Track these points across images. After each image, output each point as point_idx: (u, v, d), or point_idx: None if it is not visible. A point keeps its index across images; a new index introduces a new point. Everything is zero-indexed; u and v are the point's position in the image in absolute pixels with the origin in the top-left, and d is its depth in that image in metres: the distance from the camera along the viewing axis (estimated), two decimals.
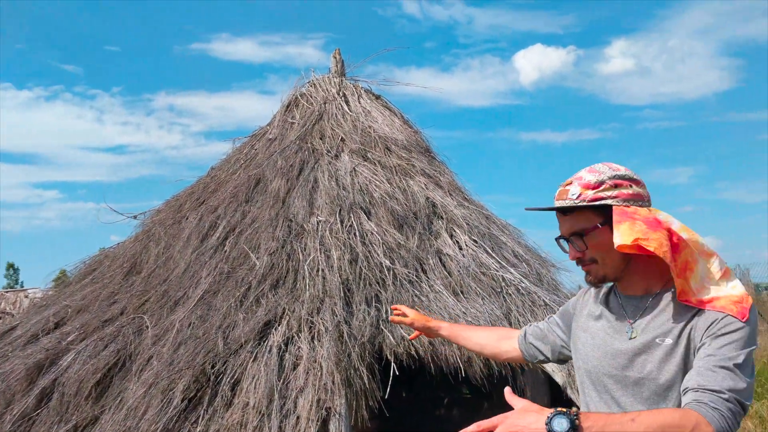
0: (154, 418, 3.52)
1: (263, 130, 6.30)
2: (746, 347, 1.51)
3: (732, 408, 1.42)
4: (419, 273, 4.42)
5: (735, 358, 1.49)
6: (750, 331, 1.53)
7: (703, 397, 1.43)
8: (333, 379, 3.54)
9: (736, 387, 1.45)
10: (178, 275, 4.80)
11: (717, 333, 1.53)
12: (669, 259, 1.57)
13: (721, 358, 1.49)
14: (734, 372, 1.47)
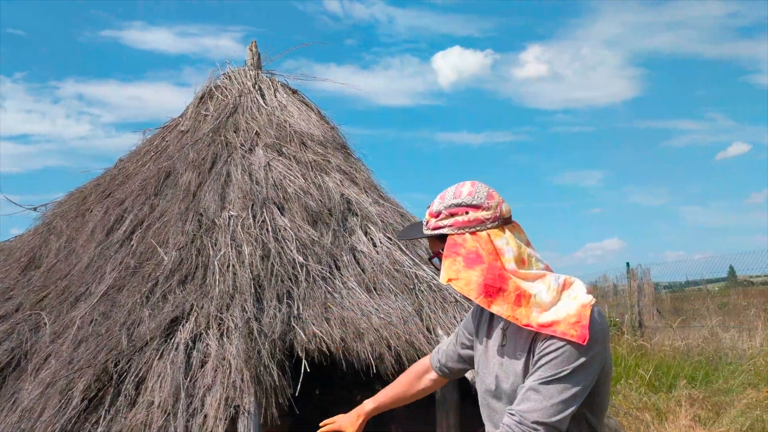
0: (51, 419, 3.36)
1: (175, 122, 6.12)
2: (566, 364, 1.58)
3: (524, 429, 1.57)
4: (333, 269, 4.40)
5: (546, 376, 1.58)
6: (578, 349, 1.58)
7: (507, 421, 1.61)
8: (242, 377, 3.48)
9: (536, 408, 1.57)
10: (80, 270, 4.60)
11: (541, 353, 1.61)
12: (474, 298, 1.65)
13: (534, 377, 1.61)
14: (538, 391, 1.58)
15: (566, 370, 1.57)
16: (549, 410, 1.56)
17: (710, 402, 7.28)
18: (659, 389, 7.96)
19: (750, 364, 8.03)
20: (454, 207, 1.73)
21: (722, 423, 6.73)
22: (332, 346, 3.82)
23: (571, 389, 1.58)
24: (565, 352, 1.58)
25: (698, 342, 9.64)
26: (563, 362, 1.58)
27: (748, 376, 7.69)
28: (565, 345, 1.58)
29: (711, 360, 8.84)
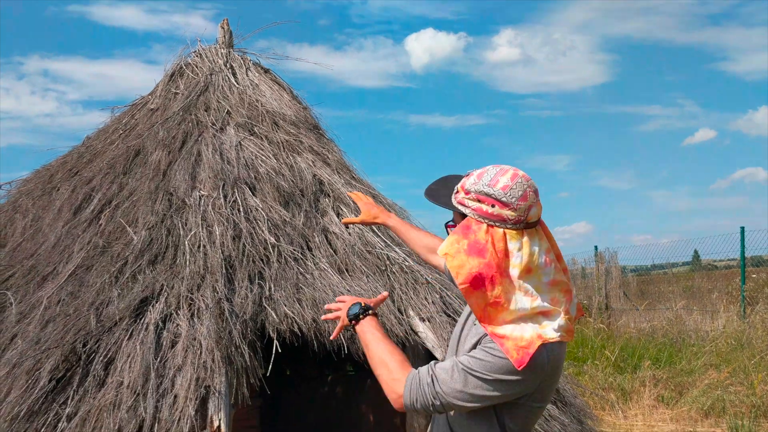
0: (18, 400, 3.31)
1: (144, 100, 6.02)
2: (494, 373, 1.63)
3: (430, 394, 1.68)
4: (304, 250, 4.39)
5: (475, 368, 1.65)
6: (512, 370, 1.61)
7: (424, 371, 1.72)
8: (213, 357, 3.46)
9: (448, 383, 1.67)
10: (47, 249, 4.53)
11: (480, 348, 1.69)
12: (459, 283, 1.65)
13: (468, 359, 1.68)
14: (460, 374, 1.66)
15: (488, 376, 1.64)
16: (454, 392, 1.66)
17: (673, 382, 7.46)
18: (624, 370, 8.13)
19: (712, 345, 8.23)
20: (484, 195, 1.70)
21: (684, 402, 6.90)
22: (304, 327, 3.82)
23: (484, 391, 1.65)
24: (497, 362, 1.63)
25: (663, 324, 9.85)
26: (490, 368, 1.63)
27: (710, 357, 7.88)
28: (501, 358, 1.62)
29: (675, 342, 9.04)
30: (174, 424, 3.23)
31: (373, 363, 1.82)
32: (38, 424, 3.24)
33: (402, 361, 1.80)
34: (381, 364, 1.80)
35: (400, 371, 1.76)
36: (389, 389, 1.76)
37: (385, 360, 1.79)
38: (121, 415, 3.23)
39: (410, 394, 1.71)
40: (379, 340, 1.85)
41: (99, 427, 3.19)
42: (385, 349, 1.82)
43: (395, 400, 1.75)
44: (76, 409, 3.30)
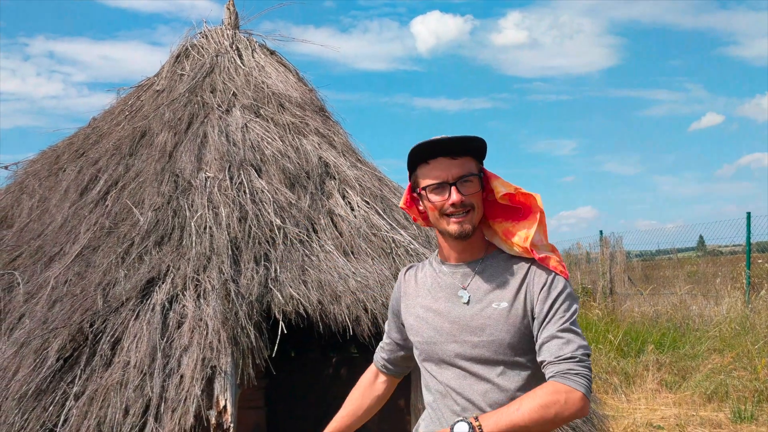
0: (26, 378, 3.35)
1: (150, 81, 6.01)
2: (575, 302, 1.74)
3: (585, 364, 1.65)
4: (310, 233, 4.39)
5: (570, 317, 1.70)
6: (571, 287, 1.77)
7: (563, 368, 1.63)
8: (219, 338, 3.49)
9: (581, 344, 1.67)
10: (54, 230, 4.55)
11: (552, 296, 1.72)
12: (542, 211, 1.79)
13: (560, 321, 1.69)
14: (573, 331, 1.68)
15: (578, 308, 1.74)
16: (584, 341, 1.69)
17: (676, 367, 7.48)
18: (628, 354, 8.15)
19: (716, 330, 8.24)
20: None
21: (687, 387, 6.92)
22: (309, 309, 3.84)
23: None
24: (569, 288, 1.75)
25: (667, 309, 9.86)
26: (573, 300, 1.74)
27: (714, 342, 7.89)
28: (566, 283, 1.76)
29: (679, 326, 9.05)
30: (180, 403, 3.26)
31: (540, 422, 1.58)
32: (46, 403, 3.27)
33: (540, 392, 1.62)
34: (545, 411, 1.58)
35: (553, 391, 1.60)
36: (573, 408, 1.59)
37: (539, 406, 1.58)
38: (128, 394, 3.26)
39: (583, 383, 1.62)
40: (511, 411, 1.60)
41: (106, 406, 3.23)
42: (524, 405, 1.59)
43: (584, 407, 1.61)
44: (84, 388, 3.33)
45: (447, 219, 1.77)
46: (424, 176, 1.79)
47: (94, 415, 3.20)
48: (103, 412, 3.20)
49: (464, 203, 1.75)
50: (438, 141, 1.73)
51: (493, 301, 1.76)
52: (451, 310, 1.80)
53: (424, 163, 1.79)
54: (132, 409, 3.21)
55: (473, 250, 1.84)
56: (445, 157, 1.76)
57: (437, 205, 1.77)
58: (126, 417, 3.19)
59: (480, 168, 1.81)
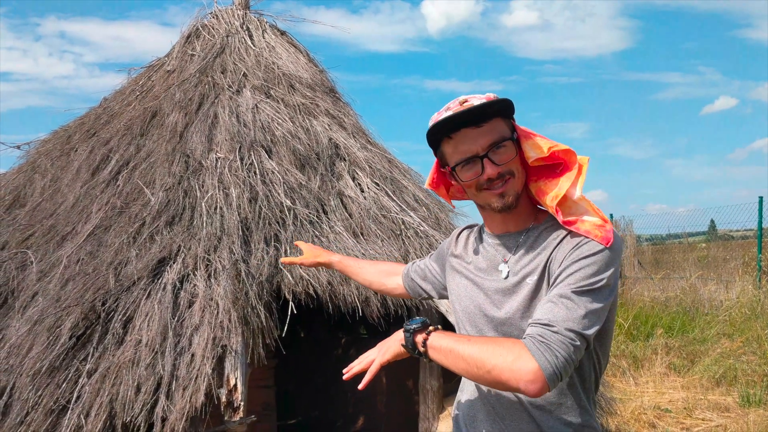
0: (40, 355, 3.38)
1: (161, 62, 6.01)
2: (602, 273, 1.48)
3: (563, 339, 1.40)
4: (320, 214, 4.41)
5: (577, 283, 1.46)
6: (610, 256, 1.50)
7: (532, 331, 1.43)
8: (229, 317, 3.51)
9: (570, 316, 1.42)
10: (66, 209, 4.58)
11: (569, 259, 1.51)
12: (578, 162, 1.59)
13: (563, 285, 1.47)
14: (571, 299, 1.44)
15: (601, 281, 1.46)
16: (582, 320, 1.42)
17: (685, 351, 7.48)
18: (637, 338, 8.16)
19: (726, 315, 8.22)
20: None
21: (696, 371, 6.93)
22: (319, 289, 3.86)
23: (601, 303, 1.47)
24: (599, 256, 1.48)
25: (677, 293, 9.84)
26: (598, 269, 1.47)
27: (724, 327, 7.88)
28: (600, 249, 1.49)
29: (688, 311, 9.04)
30: (191, 381, 3.30)
31: (476, 363, 1.42)
32: (59, 380, 3.31)
33: (502, 339, 1.48)
34: (488, 356, 1.41)
35: (512, 346, 1.41)
36: (518, 373, 1.37)
37: (488, 349, 1.42)
38: (139, 372, 3.30)
39: (548, 358, 1.38)
40: (463, 340, 1.48)
41: (118, 384, 3.26)
42: (478, 342, 1.46)
43: (533, 381, 1.36)
44: (96, 366, 3.37)
45: (486, 193, 1.61)
46: (451, 153, 1.61)
47: (106, 392, 3.23)
48: (115, 390, 3.24)
49: (501, 173, 1.58)
50: (457, 114, 1.55)
51: (527, 276, 1.59)
52: (489, 284, 1.68)
53: (448, 138, 1.60)
54: (144, 387, 3.25)
55: (518, 219, 1.68)
56: (469, 127, 1.56)
57: (472, 183, 1.61)
58: (138, 394, 3.23)
59: (512, 127, 1.62)
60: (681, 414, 5.90)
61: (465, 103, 1.58)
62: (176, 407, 3.19)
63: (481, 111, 1.54)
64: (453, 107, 1.60)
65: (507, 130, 1.60)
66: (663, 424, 5.67)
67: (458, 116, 1.54)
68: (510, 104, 1.59)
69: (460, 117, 1.54)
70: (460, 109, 1.56)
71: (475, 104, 1.56)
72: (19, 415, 3.20)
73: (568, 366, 1.39)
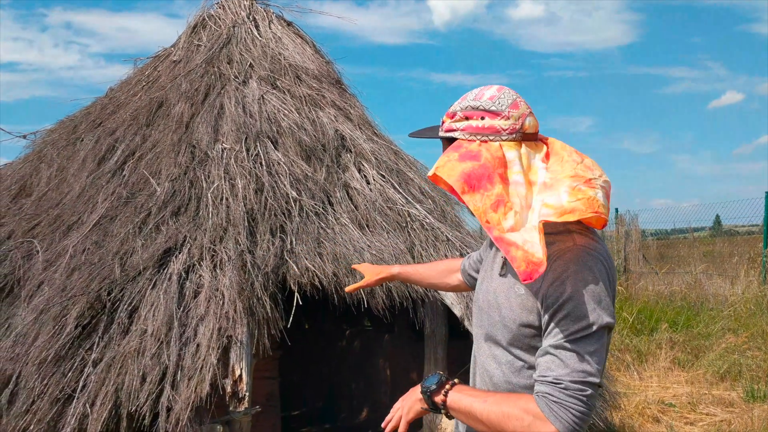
0: (45, 344, 3.39)
1: (167, 52, 5.99)
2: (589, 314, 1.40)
3: (574, 393, 1.37)
4: (326, 205, 4.40)
5: (573, 332, 1.40)
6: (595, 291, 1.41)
7: (542, 389, 1.40)
8: (235, 308, 3.52)
9: (576, 368, 1.38)
10: (72, 199, 4.58)
11: (558, 301, 1.42)
12: (453, 182, 1.50)
13: (559, 335, 1.42)
14: (571, 350, 1.40)
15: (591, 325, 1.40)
16: (587, 368, 1.39)
17: (690, 345, 7.47)
18: (641, 332, 8.14)
19: (731, 310, 8.20)
20: (471, 110, 1.57)
21: (700, 365, 6.92)
22: (324, 281, 3.86)
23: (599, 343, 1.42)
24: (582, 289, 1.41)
25: (681, 288, 9.82)
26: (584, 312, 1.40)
27: (728, 322, 7.86)
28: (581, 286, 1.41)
29: (693, 305, 9.02)
30: (196, 372, 3.30)
31: (494, 426, 1.42)
32: (65, 369, 3.32)
33: (515, 398, 1.45)
34: (505, 420, 1.40)
35: (525, 407, 1.40)
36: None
37: (503, 414, 1.41)
38: (145, 361, 3.30)
39: (562, 417, 1.36)
40: (479, 400, 1.47)
41: (124, 373, 3.27)
42: (492, 403, 1.44)
43: None
44: (102, 355, 3.38)
45: None
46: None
47: (111, 382, 3.24)
48: (120, 379, 3.25)
49: None
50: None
51: (517, 283, 1.54)
52: (491, 280, 1.67)
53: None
54: (149, 377, 3.25)
55: None
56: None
57: None
58: (143, 384, 3.24)
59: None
60: (685, 409, 5.90)
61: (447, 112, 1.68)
62: (181, 397, 3.20)
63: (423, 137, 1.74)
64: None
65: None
66: (667, 419, 5.67)
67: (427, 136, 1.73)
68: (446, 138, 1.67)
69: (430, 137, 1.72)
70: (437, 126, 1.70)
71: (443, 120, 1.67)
72: (25, 404, 3.21)
73: (585, 416, 1.38)
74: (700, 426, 5.53)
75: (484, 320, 1.67)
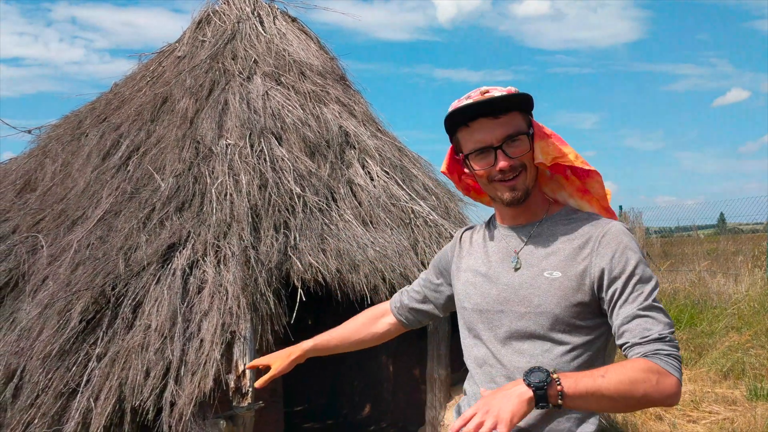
0: (50, 339, 3.41)
1: (172, 47, 6.00)
2: (652, 273, 1.54)
3: (676, 344, 1.48)
4: (329, 201, 4.40)
5: (651, 292, 1.52)
6: (632, 238, 1.59)
7: (651, 348, 1.46)
8: (238, 304, 3.52)
9: (667, 322, 1.50)
10: (76, 194, 4.59)
11: (628, 269, 1.52)
12: (586, 166, 1.65)
13: (641, 298, 1.51)
14: (657, 308, 1.51)
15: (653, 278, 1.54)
16: (669, 319, 1.52)
17: (693, 344, 7.46)
18: None
19: (734, 308, 8.18)
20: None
21: (703, 363, 6.91)
22: (328, 277, 3.86)
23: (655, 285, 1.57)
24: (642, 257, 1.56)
25: (685, 286, 9.80)
26: (645, 267, 1.54)
27: (732, 320, 7.84)
28: (640, 251, 1.56)
29: (696, 303, 9.00)
30: (200, 367, 3.31)
31: (625, 397, 1.42)
32: (69, 363, 3.33)
33: (627, 365, 1.45)
34: (633, 387, 1.41)
35: (646, 368, 1.43)
36: (665, 392, 1.42)
37: (628, 380, 1.41)
38: (148, 356, 3.31)
39: (677, 367, 1.45)
40: (596, 378, 1.43)
41: (128, 368, 3.28)
42: (611, 375, 1.42)
43: (677, 393, 1.44)
44: (106, 350, 3.39)
45: (496, 185, 1.62)
46: (466, 141, 1.62)
47: (115, 376, 3.26)
48: (124, 374, 3.26)
49: (514, 166, 1.58)
50: (477, 103, 1.56)
51: (546, 269, 1.59)
52: (501, 277, 1.65)
53: (465, 126, 1.60)
54: (153, 372, 3.27)
55: (530, 211, 1.68)
56: (487, 117, 1.57)
57: (484, 173, 1.61)
58: (147, 379, 3.25)
59: (529, 122, 1.63)
60: (688, 407, 5.89)
61: (486, 94, 1.59)
62: (185, 392, 3.21)
63: (500, 102, 1.56)
64: (474, 96, 1.60)
65: (524, 125, 1.61)
66: (670, 417, 5.67)
67: (478, 105, 1.56)
68: (530, 99, 1.60)
69: (480, 106, 1.56)
70: (480, 99, 1.57)
71: (496, 95, 1.56)
72: (30, 398, 3.23)
73: (681, 360, 1.50)
74: (702, 424, 5.53)
75: (502, 320, 1.63)
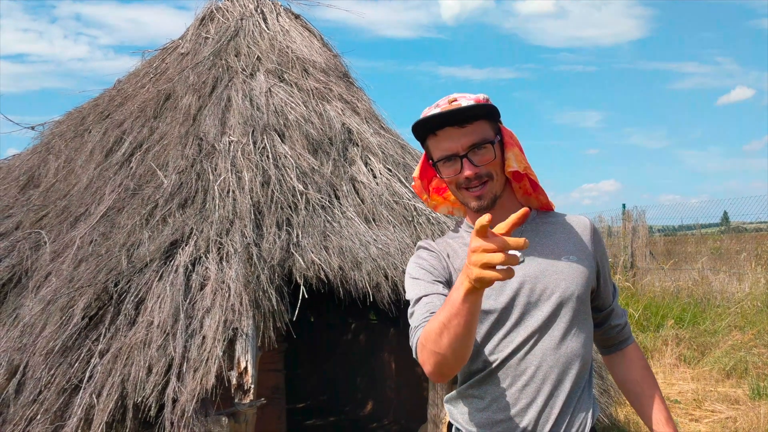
0: (52, 335, 3.41)
1: (175, 44, 6.00)
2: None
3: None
4: (332, 199, 4.40)
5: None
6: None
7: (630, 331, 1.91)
8: (241, 300, 3.52)
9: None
10: (79, 191, 4.59)
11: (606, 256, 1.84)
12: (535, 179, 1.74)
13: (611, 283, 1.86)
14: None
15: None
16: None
17: (696, 342, 7.45)
18: (647, 328, 8.13)
19: (737, 307, 8.17)
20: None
21: (706, 362, 6.90)
22: (330, 274, 3.86)
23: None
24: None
25: (688, 284, 9.78)
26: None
27: (735, 319, 7.83)
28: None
29: (699, 302, 8.99)
30: (202, 363, 3.31)
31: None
32: (72, 359, 3.34)
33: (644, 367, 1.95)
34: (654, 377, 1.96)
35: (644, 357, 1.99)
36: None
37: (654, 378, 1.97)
38: (151, 353, 3.32)
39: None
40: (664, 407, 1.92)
41: (130, 364, 3.28)
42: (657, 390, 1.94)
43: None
44: (108, 346, 3.39)
45: (464, 192, 1.65)
46: (434, 149, 1.66)
47: (118, 373, 3.26)
48: (126, 370, 3.26)
49: (479, 174, 1.61)
50: (442, 114, 1.58)
51: (563, 254, 1.69)
52: (544, 265, 1.68)
53: (433, 135, 1.64)
54: (155, 368, 3.27)
55: (503, 215, 1.56)
56: (453, 126, 1.60)
57: (451, 180, 1.65)
58: (149, 375, 3.25)
59: (497, 130, 1.66)
60: (690, 405, 5.89)
61: (453, 102, 1.62)
62: (187, 389, 3.21)
63: (465, 112, 1.58)
64: (442, 105, 1.63)
65: (490, 133, 1.64)
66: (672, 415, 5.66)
67: (443, 115, 1.59)
68: (495, 110, 1.63)
69: (445, 116, 1.59)
70: (447, 108, 1.60)
71: (462, 105, 1.59)
72: (32, 394, 3.23)
73: None
74: (705, 423, 5.52)
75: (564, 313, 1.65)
